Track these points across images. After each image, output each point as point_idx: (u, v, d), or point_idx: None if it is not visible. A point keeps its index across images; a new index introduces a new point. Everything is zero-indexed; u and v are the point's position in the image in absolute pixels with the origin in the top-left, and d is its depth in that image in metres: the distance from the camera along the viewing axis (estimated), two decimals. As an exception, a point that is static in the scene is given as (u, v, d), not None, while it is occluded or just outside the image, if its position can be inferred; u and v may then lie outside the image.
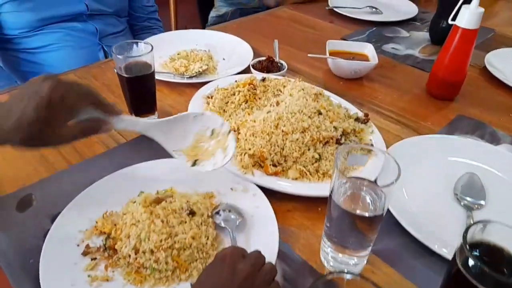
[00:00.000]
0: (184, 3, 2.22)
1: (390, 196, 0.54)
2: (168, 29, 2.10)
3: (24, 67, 1.31)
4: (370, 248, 0.61)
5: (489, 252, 0.48)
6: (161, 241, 0.57)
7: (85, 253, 0.60)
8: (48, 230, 0.62)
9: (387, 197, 0.54)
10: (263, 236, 0.63)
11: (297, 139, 0.75)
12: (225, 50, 1.20)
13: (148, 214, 0.60)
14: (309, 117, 0.77)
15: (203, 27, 2.12)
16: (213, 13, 2.00)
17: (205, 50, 1.18)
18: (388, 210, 0.69)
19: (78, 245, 0.61)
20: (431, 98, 1.06)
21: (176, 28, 2.12)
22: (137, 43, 0.85)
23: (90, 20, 1.33)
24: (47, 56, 1.29)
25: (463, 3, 0.95)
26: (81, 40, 1.32)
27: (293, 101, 0.80)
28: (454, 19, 0.96)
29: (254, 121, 0.77)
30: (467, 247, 0.45)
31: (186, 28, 1.36)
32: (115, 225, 0.63)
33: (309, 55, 1.09)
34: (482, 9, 0.92)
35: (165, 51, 1.18)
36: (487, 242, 0.49)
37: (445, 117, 0.99)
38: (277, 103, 0.81)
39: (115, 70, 0.83)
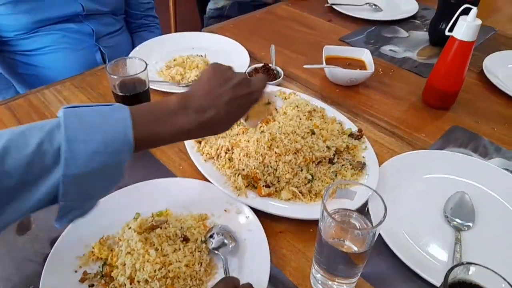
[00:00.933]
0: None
1: (378, 230, 0.56)
2: (167, 22, 2.09)
3: (22, 70, 1.31)
4: (359, 274, 0.63)
5: (471, 291, 0.50)
6: (155, 271, 0.59)
7: (82, 280, 0.62)
8: (47, 255, 0.64)
9: (376, 232, 0.56)
10: (255, 262, 0.65)
11: (290, 161, 0.76)
12: (221, 55, 1.19)
13: (142, 243, 0.62)
14: (302, 137, 0.78)
15: (202, 20, 2.10)
16: (211, 5, 1.98)
17: (201, 55, 1.18)
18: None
19: (76, 271, 0.63)
20: (426, 107, 1.06)
21: (175, 21, 2.11)
22: (131, 58, 0.84)
23: (86, 20, 1.32)
24: (44, 58, 1.29)
25: (460, 14, 0.94)
26: (78, 42, 1.31)
27: (287, 120, 0.80)
28: (451, 30, 0.95)
29: (248, 141, 0.78)
30: (448, 289, 0.47)
31: (185, 22, 1.34)
32: (111, 250, 0.65)
33: (305, 66, 1.09)
34: (479, 21, 0.91)
35: (162, 55, 1.18)
36: (469, 281, 0.50)
37: (440, 128, 0.99)
38: (267, 123, 0.82)
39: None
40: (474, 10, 0.90)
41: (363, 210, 0.62)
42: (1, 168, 0.43)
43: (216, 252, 0.65)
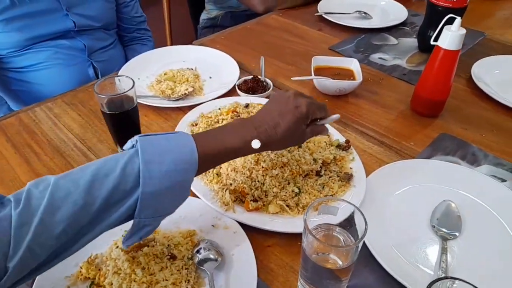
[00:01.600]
0: (177, 4, 2.22)
1: (360, 245, 0.56)
2: (163, 34, 2.11)
3: (15, 87, 1.32)
4: (346, 287, 0.64)
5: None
6: (141, 290, 0.60)
7: (71, 300, 0.62)
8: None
9: (359, 247, 0.56)
10: (242, 277, 0.66)
11: (277, 175, 0.76)
12: (212, 67, 1.20)
13: (129, 262, 0.62)
14: (288, 151, 0.79)
15: (196, 28, 2.12)
16: (204, 15, 1.99)
17: (192, 69, 1.19)
18: (365, 243, 0.71)
19: (64, 292, 0.63)
20: (415, 115, 1.07)
21: (170, 33, 2.13)
22: (118, 77, 0.85)
23: (78, 36, 1.33)
24: (37, 75, 1.30)
25: (445, 24, 0.95)
26: (70, 58, 1.33)
27: (273, 134, 0.81)
28: (436, 39, 0.96)
29: (235, 156, 0.79)
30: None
31: (180, 33, 1.34)
32: (99, 270, 0.65)
33: (292, 78, 1.10)
34: (463, 31, 0.92)
35: (153, 69, 1.19)
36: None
37: (429, 136, 1.00)
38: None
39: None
40: (458, 20, 0.91)
41: (347, 224, 0.62)
42: (91, 193, 0.50)
43: (202, 267, 0.66)
